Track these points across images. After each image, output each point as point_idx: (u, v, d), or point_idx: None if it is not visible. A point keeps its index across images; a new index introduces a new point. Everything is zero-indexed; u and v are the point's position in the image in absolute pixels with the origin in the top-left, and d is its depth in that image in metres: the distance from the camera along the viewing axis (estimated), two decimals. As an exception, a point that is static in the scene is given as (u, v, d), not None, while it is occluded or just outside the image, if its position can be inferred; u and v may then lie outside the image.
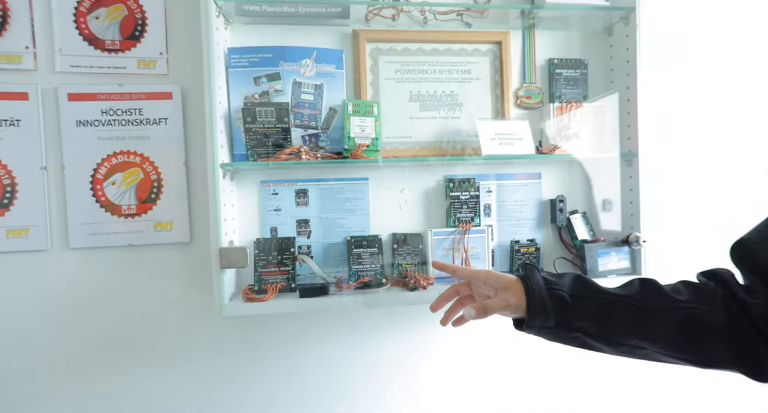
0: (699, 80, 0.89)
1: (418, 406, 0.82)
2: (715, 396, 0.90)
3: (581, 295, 0.44)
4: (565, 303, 0.43)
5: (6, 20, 0.72)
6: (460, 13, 0.78)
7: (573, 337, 0.43)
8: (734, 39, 0.90)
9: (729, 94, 0.90)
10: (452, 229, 0.78)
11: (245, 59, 0.73)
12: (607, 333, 0.42)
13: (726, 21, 0.89)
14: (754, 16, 0.90)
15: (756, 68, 0.91)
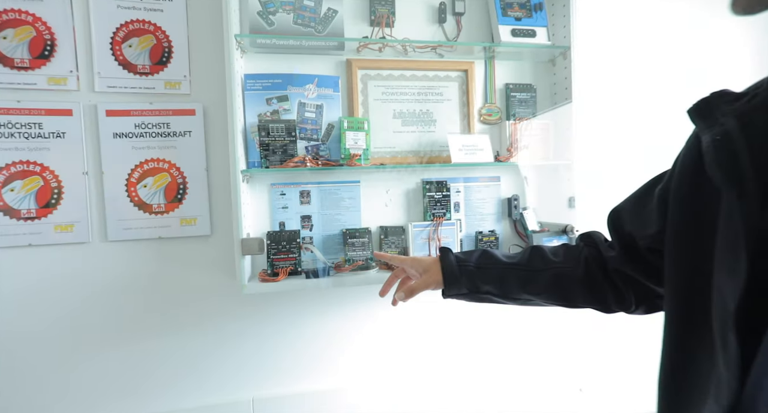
0: (621, 98, 1.10)
1: (402, 358, 1.00)
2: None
3: (485, 267, 0.59)
4: (472, 275, 0.58)
5: (54, 48, 0.85)
6: (434, 48, 0.96)
7: (483, 298, 0.60)
8: (647, 67, 1.11)
9: (645, 109, 1.11)
10: (428, 222, 0.96)
11: (259, 84, 0.89)
12: (506, 293, 0.58)
13: (637, 54, 1.11)
14: (663, 46, 1.12)
15: (665, 86, 1.13)
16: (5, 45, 0.83)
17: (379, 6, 0.94)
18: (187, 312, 0.91)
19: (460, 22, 0.99)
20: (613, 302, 0.54)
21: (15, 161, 0.84)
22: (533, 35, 0.97)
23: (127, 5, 0.88)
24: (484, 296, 0.59)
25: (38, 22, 0.84)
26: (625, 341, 1.10)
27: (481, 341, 1.04)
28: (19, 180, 0.84)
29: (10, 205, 0.84)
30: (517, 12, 0.97)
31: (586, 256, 0.55)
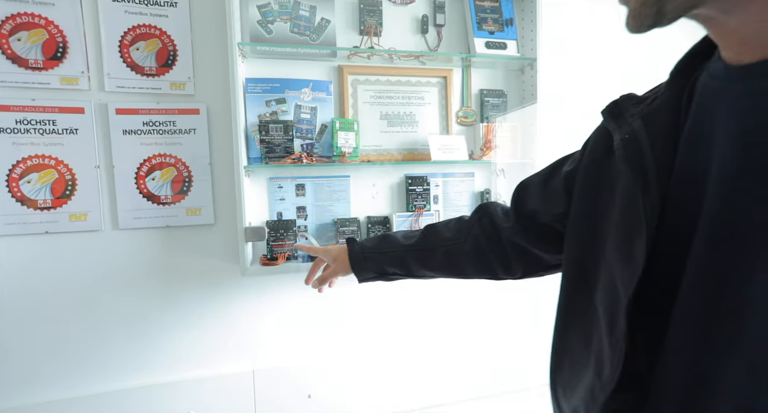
0: (580, 102, 1.24)
1: (386, 332, 1.13)
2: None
3: (386, 251, 0.65)
4: (377, 260, 0.65)
5: (66, 50, 0.91)
6: (417, 56, 1.07)
7: (392, 278, 0.67)
8: (602, 75, 1.26)
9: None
10: (410, 213, 1.08)
11: (259, 87, 0.98)
12: (409, 272, 0.65)
13: (593, 64, 1.25)
14: (620, 60, 1.27)
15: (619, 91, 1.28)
16: (19, 46, 0.89)
17: (367, 17, 1.04)
18: (192, 293, 1.01)
19: (440, 33, 1.10)
20: (501, 271, 0.60)
21: (31, 155, 0.91)
22: (504, 48, 1.09)
23: (134, 11, 0.94)
24: (392, 276, 0.67)
25: (51, 26, 0.90)
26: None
27: (468, 325, 1.19)
28: (36, 173, 0.91)
29: (27, 195, 0.91)
30: (491, 26, 1.09)
31: (475, 230, 0.60)
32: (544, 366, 0.45)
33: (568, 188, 0.46)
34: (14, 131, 0.89)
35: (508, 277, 0.61)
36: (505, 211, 0.60)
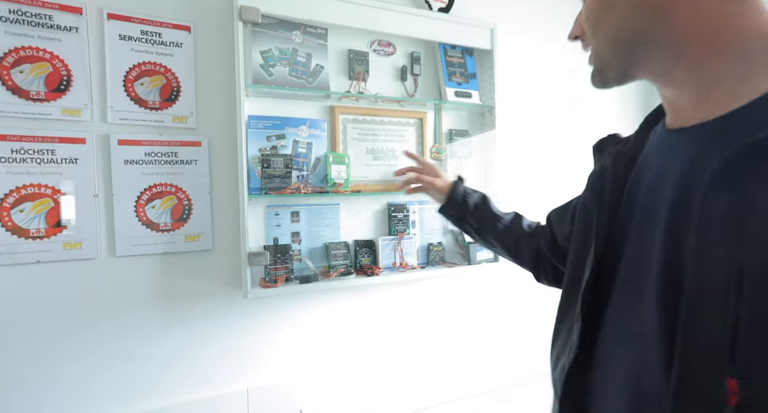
0: (530, 141, 1.50)
1: (380, 347, 1.24)
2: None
3: (478, 207, 0.81)
4: (466, 207, 0.81)
5: (70, 83, 0.93)
6: (398, 101, 1.24)
7: (464, 227, 0.83)
8: (549, 120, 1.53)
9: (547, 151, 1.53)
10: (393, 237, 1.22)
11: (261, 123, 1.08)
12: (480, 232, 0.81)
13: (541, 111, 1.52)
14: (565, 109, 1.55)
15: (563, 135, 1.55)
16: (21, 78, 0.90)
17: (356, 65, 1.19)
18: (189, 316, 1.04)
19: (417, 81, 1.28)
20: (541, 274, 0.76)
21: (26, 184, 0.91)
22: (470, 96, 1.30)
23: (140, 49, 1.00)
24: (466, 226, 0.83)
25: (55, 60, 0.92)
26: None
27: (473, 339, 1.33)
28: (30, 202, 0.91)
29: (19, 225, 0.90)
30: (459, 78, 1.30)
31: (544, 235, 0.73)
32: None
33: (573, 215, 0.58)
34: (9, 160, 0.89)
35: (543, 281, 0.76)
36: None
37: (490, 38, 1.30)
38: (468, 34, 1.28)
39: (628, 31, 0.41)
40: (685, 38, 0.38)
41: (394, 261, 1.20)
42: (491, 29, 1.30)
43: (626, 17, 0.40)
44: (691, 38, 0.38)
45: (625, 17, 0.40)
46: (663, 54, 0.40)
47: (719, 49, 0.37)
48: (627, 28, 0.41)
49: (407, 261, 1.21)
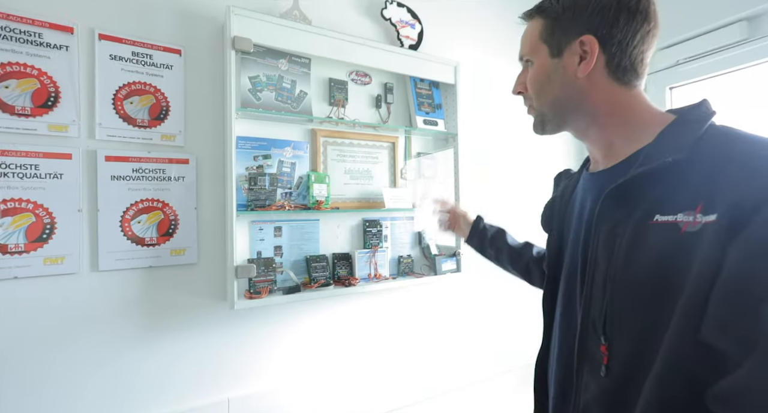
0: (488, 164, 1.69)
1: (359, 354, 1.32)
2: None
3: (495, 239, 0.97)
4: (485, 239, 0.98)
5: (57, 100, 0.94)
6: (374, 127, 1.37)
7: (485, 255, 1.00)
8: (505, 145, 1.74)
9: (504, 175, 1.73)
10: (368, 250, 1.33)
11: (248, 144, 1.14)
12: (498, 259, 0.97)
13: (497, 138, 1.73)
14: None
15: (516, 160, 1.77)
16: (6, 93, 0.90)
17: (336, 93, 1.31)
18: (173, 329, 1.06)
19: (390, 109, 1.42)
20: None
21: (5, 199, 0.90)
22: (436, 124, 1.46)
23: (130, 69, 1.03)
24: (486, 254, 1.00)
25: (43, 76, 0.93)
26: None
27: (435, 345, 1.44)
28: (9, 217, 0.90)
29: (-4, 240, 0.89)
30: (427, 108, 1.46)
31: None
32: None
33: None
34: (-11, 174, 0.88)
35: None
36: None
37: (454, 74, 1.48)
38: (435, 69, 1.44)
39: (561, 100, 0.59)
40: (596, 110, 0.58)
41: (369, 272, 1.31)
42: (455, 66, 1.48)
43: (560, 91, 0.59)
44: (599, 111, 0.58)
45: (560, 91, 0.59)
46: (583, 118, 0.59)
47: (615, 120, 0.57)
48: (560, 98, 0.59)
49: (381, 272, 1.32)
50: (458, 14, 1.62)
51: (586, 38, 0.54)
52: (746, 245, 0.41)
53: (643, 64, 0.56)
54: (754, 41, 1.36)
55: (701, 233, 0.44)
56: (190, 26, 1.11)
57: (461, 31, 1.63)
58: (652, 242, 0.48)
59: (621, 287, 0.50)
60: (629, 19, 0.53)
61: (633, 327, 0.50)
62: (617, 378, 0.51)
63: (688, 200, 0.46)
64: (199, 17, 1.12)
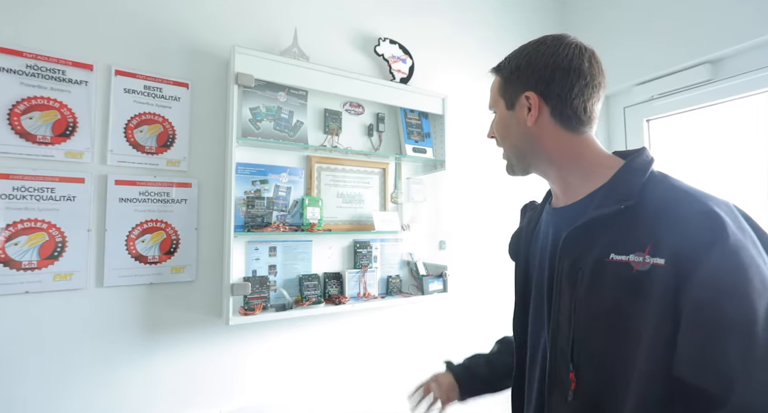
0: (473, 191, 1.78)
1: (348, 369, 1.38)
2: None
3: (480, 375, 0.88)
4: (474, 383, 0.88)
5: (75, 129, 1.04)
6: (365, 154, 1.46)
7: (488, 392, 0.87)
8: (489, 171, 1.83)
9: (485, 200, 1.82)
10: (358, 270, 1.40)
11: (247, 169, 1.23)
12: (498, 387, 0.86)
13: (481, 164, 1.82)
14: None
15: (499, 184, 1.86)
16: (30, 123, 0.99)
17: (331, 122, 1.41)
18: (170, 342, 1.12)
19: (381, 137, 1.52)
20: None
21: (23, 219, 0.98)
22: (425, 152, 1.56)
23: (142, 101, 1.13)
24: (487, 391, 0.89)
25: (64, 108, 1.03)
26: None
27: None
28: (25, 235, 0.98)
29: (11, 257, 0.96)
30: (416, 137, 1.56)
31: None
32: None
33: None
34: (9, 196, 0.97)
35: None
36: None
37: (442, 105, 1.59)
38: (424, 101, 1.55)
39: (519, 146, 0.69)
40: (550, 154, 0.66)
41: (358, 291, 1.38)
42: (443, 98, 1.59)
43: (517, 138, 0.68)
44: (553, 155, 0.66)
45: (516, 138, 0.69)
46: (542, 161, 0.68)
47: (568, 163, 0.66)
48: (519, 145, 0.69)
49: (370, 292, 1.39)
50: (448, 47, 1.74)
51: (529, 94, 0.64)
52: (702, 287, 0.47)
53: (587, 112, 0.63)
54: (717, 82, 1.47)
55: (651, 273, 0.50)
56: (198, 62, 1.22)
57: (451, 63, 1.74)
58: (609, 278, 0.54)
59: (584, 318, 0.56)
60: (564, 76, 0.62)
61: (598, 355, 0.55)
62: (585, 403, 0.55)
63: (638, 242, 0.52)
64: (205, 54, 1.23)
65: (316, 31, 1.42)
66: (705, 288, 0.47)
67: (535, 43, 0.67)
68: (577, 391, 0.56)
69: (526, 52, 0.66)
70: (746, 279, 0.46)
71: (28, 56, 0.99)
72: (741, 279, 0.46)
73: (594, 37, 1.89)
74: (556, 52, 0.63)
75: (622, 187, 0.58)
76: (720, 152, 1.53)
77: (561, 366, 0.58)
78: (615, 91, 1.86)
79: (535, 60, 0.64)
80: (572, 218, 0.61)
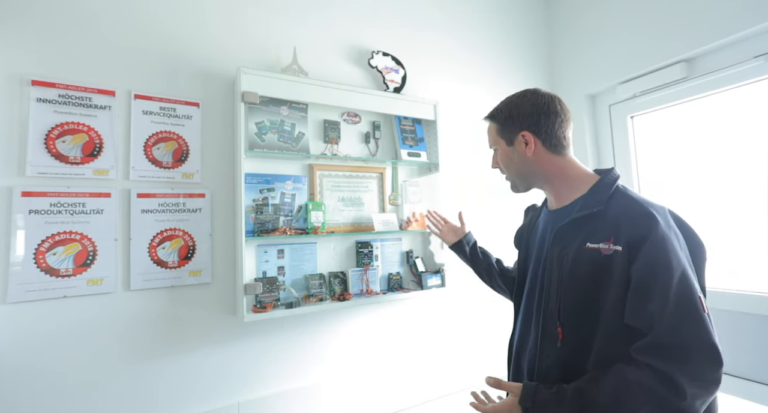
0: (468, 190, 1.88)
1: (358, 360, 1.48)
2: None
3: (478, 250, 1.34)
4: (475, 248, 1.34)
5: (101, 150, 1.16)
6: (363, 160, 1.57)
7: (469, 260, 1.35)
8: (480, 174, 1.93)
9: (478, 199, 1.91)
10: (360, 268, 1.51)
11: (255, 179, 1.35)
12: (475, 265, 1.32)
13: (474, 167, 1.92)
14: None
15: (492, 185, 1.95)
16: (63, 146, 1.12)
17: (330, 132, 1.52)
18: (190, 339, 1.24)
19: (378, 144, 1.63)
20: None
21: (60, 232, 1.10)
22: (419, 156, 1.67)
23: (158, 121, 1.25)
24: (464, 258, 1.35)
25: (91, 131, 1.15)
26: (473, 337, 1.79)
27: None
28: (62, 246, 1.10)
29: (51, 266, 1.08)
30: (411, 142, 1.66)
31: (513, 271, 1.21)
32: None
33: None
34: (47, 212, 1.09)
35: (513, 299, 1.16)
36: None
37: (434, 112, 1.69)
38: (417, 108, 1.66)
39: (522, 171, 0.91)
40: (546, 173, 0.89)
41: (361, 288, 1.48)
42: (434, 105, 1.69)
43: (520, 166, 0.91)
44: (548, 174, 0.89)
45: (519, 166, 0.91)
46: (540, 179, 0.91)
47: (559, 178, 0.89)
48: (521, 171, 0.91)
49: (372, 288, 1.50)
50: (438, 55, 1.84)
51: (524, 133, 0.88)
52: (640, 264, 0.71)
53: (566, 139, 0.89)
54: (692, 80, 1.55)
55: (613, 256, 0.74)
56: (207, 83, 1.34)
57: (441, 69, 1.85)
58: (585, 260, 0.77)
59: (568, 289, 0.78)
60: (547, 117, 0.87)
61: (577, 314, 0.77)
62: (568, 349, 0.77)
63: (605, 235, 0.76)
64: (214, 75, 1.35)
65: (314, 49, 1.54)
66: (643, 264, 0.71)
67: (519, 96, 0.91)
68: (563, 340, 0.77)
69: (514, 103, 0.90)
70: (667, 258, 0.70)
71: (59, 87, 1.12)
72: (664, 258, 0.70)
73: (579, 39, 1.99)
74: (537, 101, 0.88)
75: (595, 197, 0.82)
76: (700, 144, 1.61)
77: (550, 323, 0.80)
78: (600, 91, 1.94)
79: (523, 108, 0.89)
80: (561, 217, 0.85)
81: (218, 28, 1.38)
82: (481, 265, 1.29)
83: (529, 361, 0.86)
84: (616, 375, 0.69)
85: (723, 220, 1.53)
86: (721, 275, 1.51)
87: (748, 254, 1.46)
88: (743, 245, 1.48)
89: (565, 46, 2.07)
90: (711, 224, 1.56)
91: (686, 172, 1.65)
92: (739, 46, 1.43)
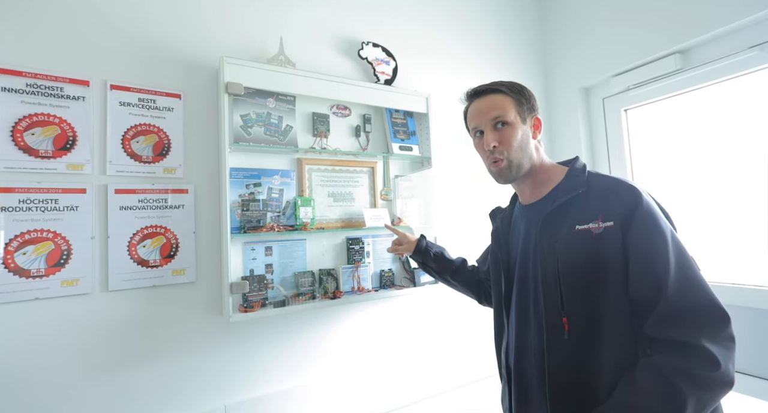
0: (457, 185, 1.84)
1: (346, 360, 1.44)
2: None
3: (437, 255, 1.26)
4: (428, 255, 1.26)
5: (75, 143, 1.10)
6: (354, 154, 1.52)
7: (427, 269, 1.28)
8: (470, 169, 1.89)
9: (468, 197, 1.88)
10: (351, 265, 1.46)
11: (241, 174, 1.29)
12: (438, 272, 1.25)
13: (465, 160, 1.89)
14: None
15: (481, 182, 1.92)
16: (32, 139, 1.05)
17: (319, 125, 1.47)
18: (173, 341, 1.18)
19: (368, 137, 1.58)
20: (483, 298, 1.18)
21: (30, 230, 1.03)
22: (411, 149, 1.62)
23: (137, 113, 1.19)
24: (428, 268, 1.28)
25: (63, 123, 1.09)
26: (467, 334, 1.76)
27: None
28: (32, 245, 1.04)
29: (21, 266, 1.02)
30: (402, 136, 1.62)
31: (479, 273, 1.21)
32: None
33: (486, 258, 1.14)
34: (16, 209, 1.02)
35: (484, 303, 1.19)
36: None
37: (426, 104, 1.65)
38: (408, 101, 1.61)
39: (528, 152, 0.87)
40: (535, 163, 0.88)
41: (352, 286, 1.44)
42: (426, 97, 1.65)
43: (527, 146, 0.87)
44: (536, 164, 0.89)
45: (527, 146, 0.87)
46: (527, 168, 0.88)
47: (540, 171, 0.89)
48: (528, 153, 0.87)
49: (363, 285, 1.45)
50: (430, 47, 1.80)
51: (537, 116, 0.91)
52: (635, 233, 0.72)
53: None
54: (686, 71, 1.53)
55: (605, 233, 0.74)
56: (189, 74, 1.28)
57: (433, 62, 1.81)
58: (577, 243, 0.76)
59: (567, 275, 0.76)
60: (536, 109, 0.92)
61: (580, 301, 0.75)
62: (575, 338, 0.75)
63: (592, 215, 0.77)
64: (196, 66, 1.29)
65: (302, 38, 1.48)
66: (637, 232, 0.73)
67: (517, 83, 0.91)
68: (570, 331, 0.75)
69: (521, 86, 0.90)
70: (658, 225, 0.73)
71: (27, 75, 1.05)
72: (656, 225, 0.73)
73: (572, 30, 1.96)
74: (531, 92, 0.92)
75: (574, 181, 0.83)
76: (695, 137, 1.59)
77: (553, 314, 0.78)
78: (594, 83, 1.92)
79: (530, 93, 0.91)
80: (542, 208, 0.85)
81: (200, 15, 1.31)
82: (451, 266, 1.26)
83: (535, 364, 0.82)
84: (647, 371, 0.67)
85: (719, 213, 1.52)
86: (718, 268, 1.50)
87: (744, 247, 1.45)
88: (740, 239, 1.47)
89: (559, 38, 2.04)
90: (707, 217, 1.55)
91: (681, 165, 1.64)
92: (734, 37, 1.41)
